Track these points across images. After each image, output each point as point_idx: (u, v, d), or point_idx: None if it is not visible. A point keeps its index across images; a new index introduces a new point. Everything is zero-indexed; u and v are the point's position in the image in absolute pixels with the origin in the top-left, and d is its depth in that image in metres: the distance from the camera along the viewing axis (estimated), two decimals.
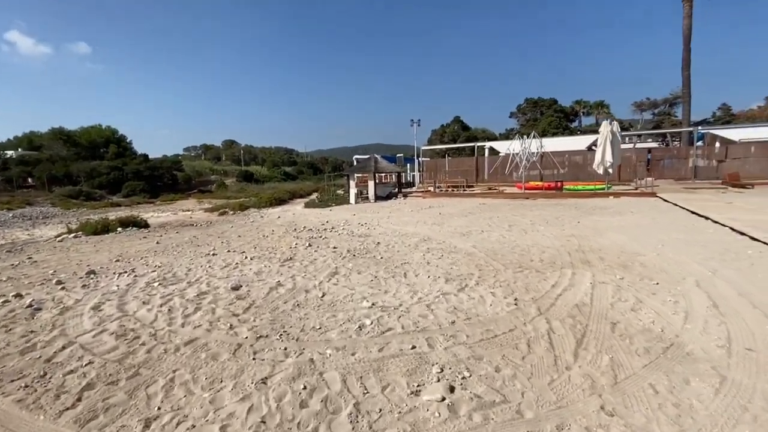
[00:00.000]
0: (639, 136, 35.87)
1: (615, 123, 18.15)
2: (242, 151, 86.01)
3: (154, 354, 3.05)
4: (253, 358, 2.94)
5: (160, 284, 5.19)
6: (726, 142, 22.66)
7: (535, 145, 19.20)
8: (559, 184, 19.38)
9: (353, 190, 20.07)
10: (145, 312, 4.05)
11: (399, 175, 23.34)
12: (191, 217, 15.26)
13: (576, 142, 26.29)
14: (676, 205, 11.92)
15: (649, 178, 23.24)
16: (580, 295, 4.26)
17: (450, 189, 22.16)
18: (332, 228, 10.64)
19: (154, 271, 6.01)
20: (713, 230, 7.62)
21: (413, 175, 30.03)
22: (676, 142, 35.25)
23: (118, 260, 6.98)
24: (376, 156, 21.62)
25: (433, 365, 2.76)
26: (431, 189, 23.76)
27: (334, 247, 7.59)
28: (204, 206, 21.15)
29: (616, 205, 13.28)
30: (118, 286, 5.13)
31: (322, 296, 4.48)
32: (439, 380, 2.57)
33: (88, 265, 6.52)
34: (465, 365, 2.77)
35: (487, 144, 28.30)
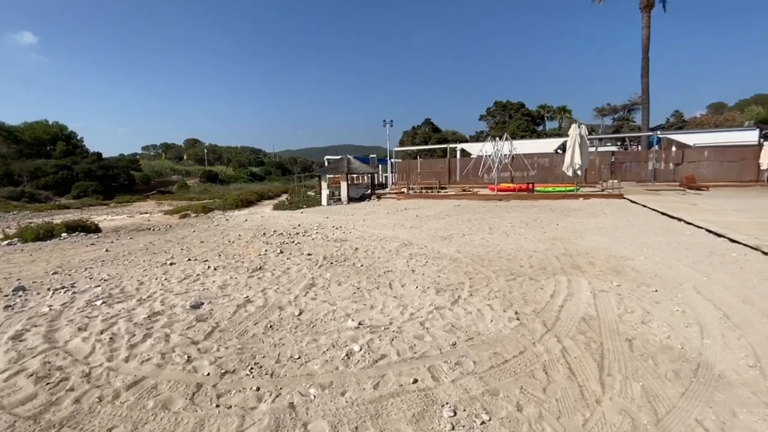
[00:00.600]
0: (600, 140, 37.36)
1: (583, 126, 18.54)
2: (206, 151, 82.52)
3: (84, 404, 2.36)
4: (217, 405, 2.34)
5: (104, 303, 4.39)
6: (681, 147, 23.85)
7: (507, 147, 19.29)
8: (530, 185, 19.59)
9: (325, 192, 19.37)
10: (79, 342, 3.31)
11: (372, 177, 22.84)
12: (149, 221, 14.05)
13: (544, 145, 26.86)
14: (644, 206, 12.17)
15: (613, 180, 24.11)
16: (583, 305, 3.93)
17: (424, 190, 21.92)
18: (305, 232, 9.99)
19: (99, 285, 5.17)
20: (690, 232, 7.66)
21: (386, 177, 29.65)
22: (634, 146, 37.03)
23: (56, 272, 6.03)
24: (349, 156, 21.03)
25: (443, 406, 2.27)
26: (405, 190, 23.45)
27: (309, 254, 6.98)
28: (164, 208, 19.72)
29: (587, 206, 13.43)
30: (50, 306, 4.29)
31: (299, 314, 3.90)
32: (453, 429, 2.08)
33: (17, 280, 5.55)
34: (480, 404, 2.31)
35: (459, 146, 28.39)
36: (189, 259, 6.80)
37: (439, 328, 3.47)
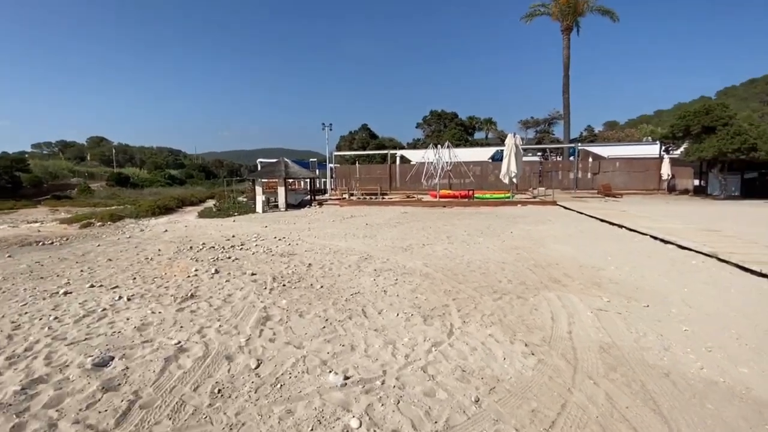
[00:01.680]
0: (524, 150, 40.12)
1: (518, 137, 19.38)
2: (114, 151, 73.34)
3: None
4: None
5: None
6: (596, 158, 26.31)
7: (449, 154, 19.45)
8: (470, 192, 19.95)
9: (260, 197, 17.75)
10: None
11: (312, 182, 21.61)
12: (39, 231, 11.40)
13: (478, 154, 27.87)
14: (580, 213, 12.79)
15: (542, 188, 25.75)
16: (591, 330, 3.48)
17: (366, 196, 21.25)
18: (242, 244, 8.68)
19: None
20: (639, 239, 7.94)
21: (324, 182, 28.47)
22: (553, 156, 40.38)
23: None
24: (286, 160, 19.61)
25: None
26: (346, 196, 22.57)
27: (253, 274, 5.84)
28: (59, 216, 16.44)
29: (529, 213, 13.81)
30: None
31: (257, 366, 2.90)
32: None
33: None
34: None
35: (399, 152, 28.31)
36: (92, 286, 5.26)
37: (447, 374, 2.74)
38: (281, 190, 18.25)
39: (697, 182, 22.86)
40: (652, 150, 24.53)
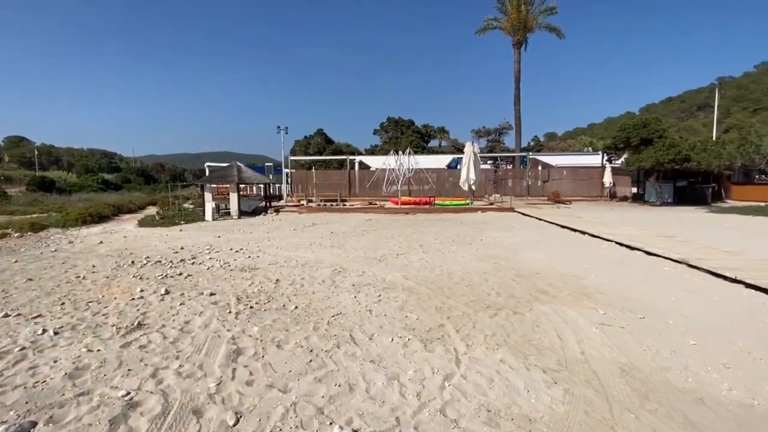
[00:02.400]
0: (482, 158, 41.44)
1: (476, 145, 19.78)
2: (36, 152, 65.80)
3: None
4: None
5: None
6: (545, 167, 27.69)
7: (410, 161, 19.36)
8: (431, 199, 19.97)
9: (209, 204, 16.42)
10: None
11: (267, 187, 20.49)
12: None
13: (435, 161, 28.18)
14: (540, 219, 13.13)
15: (496, 195, 26.55)
16: (603, 349, 3.26)
17: (326, 203, 20.53)
18: (193, 258, 7.75)
19: None
20: (606, 246, 8.13)
21: (279, 188, 27.25)
22: (503, 164, 42.11)
23: None
24: (239, 164, 18.41)
25: None
26: (304, 203, 21.68)
27: (212, 294, 5.08)
28: None
29: (490, 219, 13.95)
30: None
31: (235, 424, 2.29)
32: None
33: None
34: None
35: (358, 158, 27.88)
36: (6, 315, 4.24)
37: (472, 417, 2.32)
38: (233, 197, 17.04)
39: (635, 190, 24.80)
40: (595, 160, 26.27)
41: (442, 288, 5.23)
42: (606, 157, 22.60)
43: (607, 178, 23.58)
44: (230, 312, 4.31)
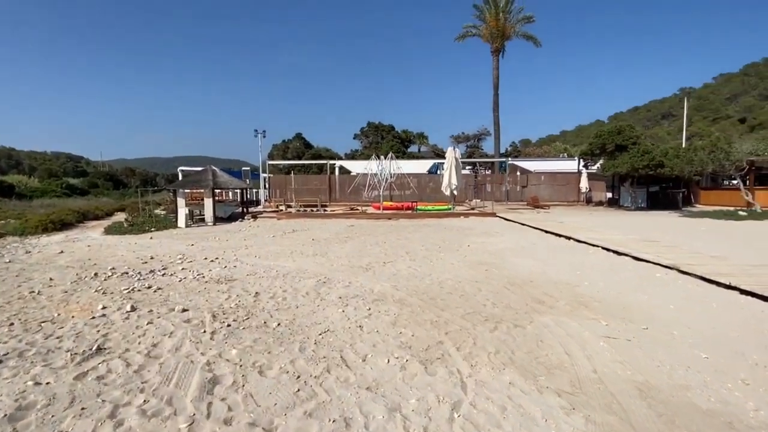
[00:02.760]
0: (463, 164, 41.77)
1: (458, 150, 19.78)
2: None
3: None
4: None
5: None
6: (524, 172, 28.10)
7: (393, 166, 19.14)
8: (413, 204, 19.79)
9: (183, 210, 15.65)
10: None
11: (243, 193, 19.79)
12: None
13: (416, 166, 28.11)
14: (523, 224, 13.13)
15: (477, 200, 26.70)
16: (615, 366, 3.05)
17: (306, 209, 20.01)
18: (164, 268, 7.20)
19: None
20: (592, 251, 8.08)
21: (256, 193, 26.48)
22: (481, 170, 42.61)
23: None
24: (214, 168, 17.70)
25: None
26: (283, 208, 21.08)
27: (184, 310, 4.61)
28: None
29: (474, 225, 13.86)
30: None
31: None
32: None
33: None
34: None
35: (338, 162, 27.47)
36: None
37: None
38: (208, 202, 16.32)
39: (609, 195, 25.49)
40: (571, 165, 26.87)
41: (435, 299, 4.95)
42: (582, 163, 23.06)
43: (584, 184, 24.10)
44: (205, 331, 3.88)
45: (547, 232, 10.98)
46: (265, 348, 3.45)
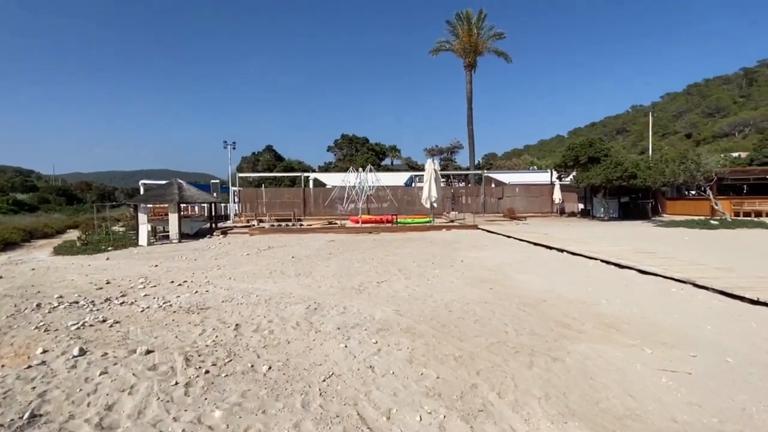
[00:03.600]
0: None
1: (436, 162, 19.54)
2: None
3: None
4: None
5: None
6: (499, 184, 28.35)
7: (372, 178, 18.59)
8: (392, 217, 19.26)
9: (144, 227, 14.33)
10: None
11: (212, 207, 18.56)
12: None
13: (393, 178, 27.74)
14: (508, 236, 12.84)
15: (454, 212, 26.56)
16: (693, 410, 2.54)
17: (280, 224, 19.01)
18: (123, 295, 6.22)
19: None
20: (592, 264, 7.78)
21: (225, 207, 25.10)
22: (454, 182, 42.93)
23: None
24: (180, 181, 16.47)
25: None
26: (255, 223, 19.95)
27: (149, 351, 3.75)
28: None
29: (459, 238, 13.46)
30: None
31: None
32: None
33: None
34: None
35: (313, 175, 26.61)
36: None
37: None
38: (173, 218, 15.06)
39: (581, 206, 26.08)
40: (544, 177, 27.38)
41: (447, 326, 4.35)
42: (556, 175, 23.46)
43: (557, 195, 24.50)
44: (177, 383, 3.06)
45: (536, 244, 10.70)
46: (257, 405, 2.69)
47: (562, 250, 9.31)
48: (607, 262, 7.55)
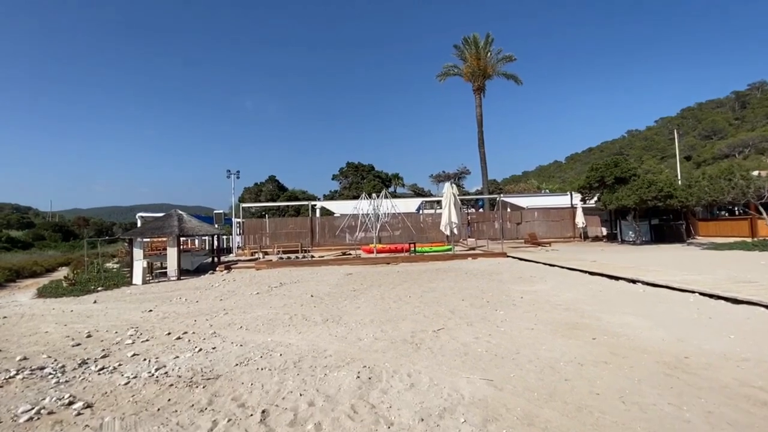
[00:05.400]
0: (438, 202, 40.74)
1: (455, 186, 18.32)
2: None
3: None
4: None
5: None
6: (515, 208, 27.06)
7: (387, 205, 17.30)
8: (410, 246, 17.80)
9: (139, 263, 12.87)
10: None
11: (215, 240, 17.13)
12: None
13: (403, 205, 26.44)
14: (552, 265, 11.38)
15: (471, 239, 25.12)
16: None
17: (288, 256, 17.53)
18: (104, 355, 4.78)
19: None
20: (693, 300, 6.27)
21: (227, 239, 23.66)
22: (463, 208, 41.66)
23: None
24: (181, 212, 15.15)
25: None
26: (260, 256, 18.49)
27: None
28: None
29: (493, 267, 11.98)
30: None
31: None
32: None
33: None
34: None
35: (319, 203, 25.35)
36: None
37: None
38: (172, 252, 13.59)
39: (604, 230, 24.66)
40: (563, 200, 26.13)
41: (584, 409, 2.84)
42: (579, 197, 22.19)
43: (579, 219, 23.14)
44: None
45: (592, 273, 9.22)
46: None
47: (633, 281, 7.83)
48: (714, 296, 6.06)
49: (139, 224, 23.81)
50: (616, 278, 8.33)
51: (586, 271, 9.49)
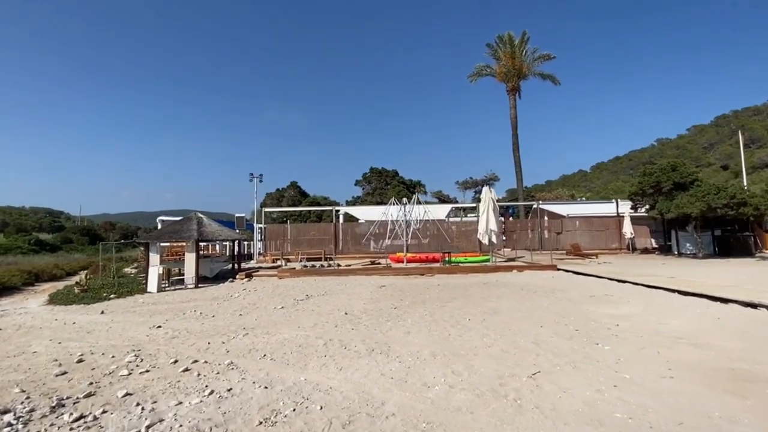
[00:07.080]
0: (463, 209, 39.00)
1: (493, 191, 16.78)
2: None
3: None
4: None
5: None
6: (553, 217, 25.09)
7: (419, 210, 15.93)
8: (443, 255, 16.30)
9: (155, 269, 11.89)
10: None
11: (236, 245, 16.11)
12: None
13: (438, 211, 24.95)
14: (622, 281, 9.73)
15: (507, 248, 23.36)
16: None
17: (313, 264, 16.32)
18: (88, 394, 3.58)
19: None
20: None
21: (248, 245, 22.73)
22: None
23: None
24: (201, 216, 14.18)
25: None
26: (281, 263, 17.38)
27: None
28: None
29: (549, 282, 10.39)
30: None
31: None
32: None
33: None
34: None
35: (342, 209, 24.19)
36: None
37: None
38: (190, 258, 12.57)
39: (653, 240, 22.47)
40: (606, 208, 24.08)
41: None
42: (630, 205, 20.16)
43: (627, 228, 21.08)
44: None
45: (685, 293, 7.54)
46: None
47: (754, 305, 6.15)
48: None
49: (159, 227, 23.22)
50: (724, 300, 6.65)
51: (673, 290, 7.81)
